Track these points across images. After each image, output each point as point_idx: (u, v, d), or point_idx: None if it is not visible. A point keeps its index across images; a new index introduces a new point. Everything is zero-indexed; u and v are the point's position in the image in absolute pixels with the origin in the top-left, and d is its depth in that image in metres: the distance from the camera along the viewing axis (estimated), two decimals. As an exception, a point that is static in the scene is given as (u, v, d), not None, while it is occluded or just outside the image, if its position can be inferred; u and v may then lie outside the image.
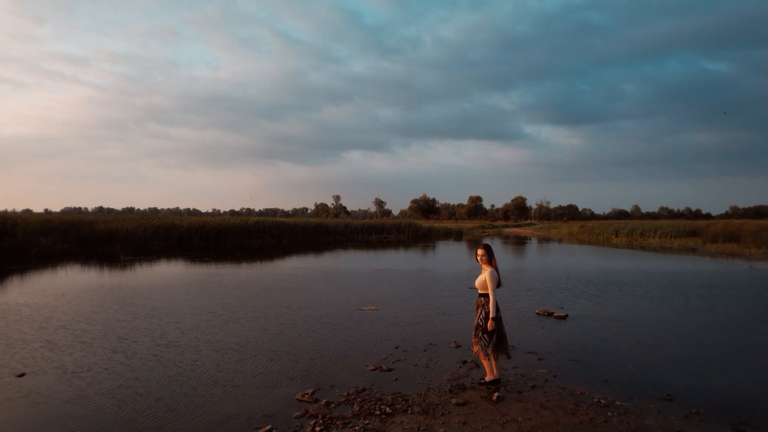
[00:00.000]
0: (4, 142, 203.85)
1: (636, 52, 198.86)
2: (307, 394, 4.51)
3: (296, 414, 4.09)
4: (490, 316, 4.66)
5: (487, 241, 36.65)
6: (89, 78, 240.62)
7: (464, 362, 5.60)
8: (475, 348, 4.81)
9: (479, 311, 4.84)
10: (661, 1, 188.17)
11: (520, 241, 36.67)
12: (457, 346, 6.29)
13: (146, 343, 6.37)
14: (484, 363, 4.88)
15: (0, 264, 16.04)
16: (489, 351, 4.72)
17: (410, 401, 4.36)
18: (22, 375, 5.07)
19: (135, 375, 5.07)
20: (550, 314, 8.33)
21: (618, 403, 4.32)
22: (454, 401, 4.35)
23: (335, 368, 5.38)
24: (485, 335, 4.71)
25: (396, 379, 5.02)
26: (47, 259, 17.99)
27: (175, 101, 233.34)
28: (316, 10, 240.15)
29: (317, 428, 3.74)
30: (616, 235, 37.59)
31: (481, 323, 4.77)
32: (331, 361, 5.63)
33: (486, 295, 4.79)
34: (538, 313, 8.44)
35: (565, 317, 8.13)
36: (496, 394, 4.44)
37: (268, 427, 3.74)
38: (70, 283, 11.95)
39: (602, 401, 4.34)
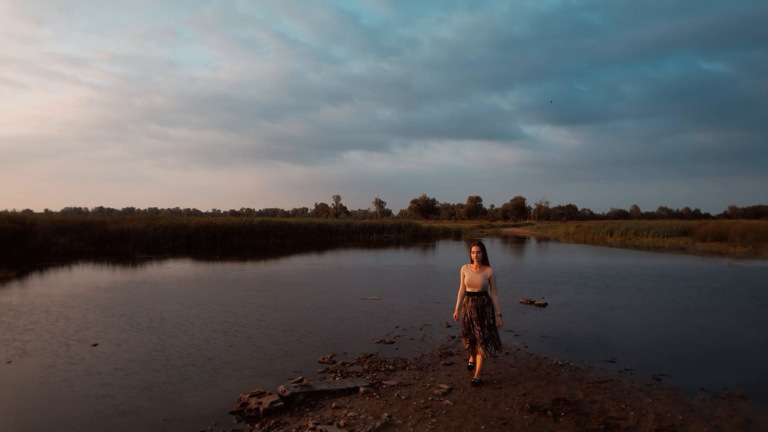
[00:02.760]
0: (4, 142, 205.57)
1: (634, 53, 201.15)
2: (327, 357, 5.69)
3: (319, 370, 5.26)
4: (498, 312, 4.77)
5: (483, 239, 37.79)
6: (89, 79, 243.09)
7: (453, 337, 6.75)
8: (491, 351, 4.72)
9: (484, 312, 4.70)
10: (658, 1, 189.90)
11: (519, 241, 37.85)
12: (448, 326, 7.44)
13: (204, 328, 7.30)
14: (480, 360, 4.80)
15: (24, 261, 17.20)
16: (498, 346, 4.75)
17: (408, 362, 5.53)
18: (95, 345, 6.23)
19: (206, 352, 6.02)
20: (532, 302, 9.48)
21: (572, 363, 5.49)
22: (442, 362, 5.51)
23: (347, 341, 6.55)
24: (495, 331, 4.76)
25: (397, 349, 6.18)
26: (66, 257, 19.13)
27: (174, 102, 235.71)
28: (314, 11, 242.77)
29: (337, 378, 4.89)
30: (611, 235, 38.74)
31: (491, 322, 4.74)
32: (343, 337, 6.80)
33: (485, 294, 4.76)
34: (521, 302, 9.59)
35: (545, 305, 9.28)
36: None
37: (299, 377, 4.89)
38: (101, 278, 13.11)
39: (559, 362, 5.51)
